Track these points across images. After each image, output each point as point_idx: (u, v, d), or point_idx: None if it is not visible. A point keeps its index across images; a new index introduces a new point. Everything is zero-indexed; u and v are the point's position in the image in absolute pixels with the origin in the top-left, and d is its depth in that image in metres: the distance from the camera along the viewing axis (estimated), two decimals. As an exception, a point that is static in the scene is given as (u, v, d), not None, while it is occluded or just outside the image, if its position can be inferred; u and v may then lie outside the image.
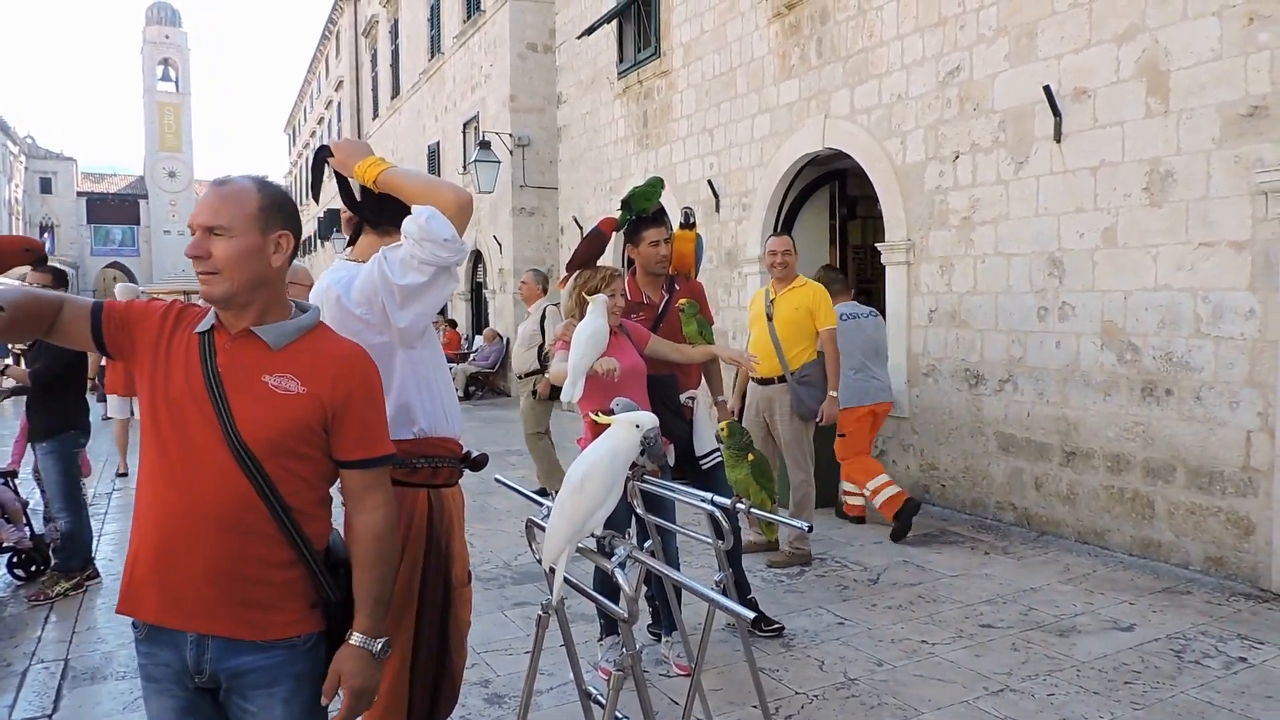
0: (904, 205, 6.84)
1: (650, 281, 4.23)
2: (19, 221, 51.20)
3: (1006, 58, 5.94)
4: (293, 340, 1.76)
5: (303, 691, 1.73)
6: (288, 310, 1.80)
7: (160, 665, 1.74)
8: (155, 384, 1.75)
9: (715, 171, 9.32)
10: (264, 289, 1.74)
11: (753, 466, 2.72)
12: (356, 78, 27.36)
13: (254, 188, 1.75)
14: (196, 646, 1.70)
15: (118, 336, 1.79)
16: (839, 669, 3.74)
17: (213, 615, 1.68)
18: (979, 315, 6.25)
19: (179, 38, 58.39)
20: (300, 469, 1.72)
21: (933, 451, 6.68)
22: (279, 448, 1.69)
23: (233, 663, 1.70)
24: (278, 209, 1.75)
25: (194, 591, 1.68)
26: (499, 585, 4.94)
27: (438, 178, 2.20)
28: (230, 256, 1.69)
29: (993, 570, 5.06)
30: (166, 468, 1.72)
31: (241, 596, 1.68)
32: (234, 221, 1.70)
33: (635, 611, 1.85)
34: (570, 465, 2.09)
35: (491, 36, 15.23)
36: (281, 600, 1.71)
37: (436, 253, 2.02)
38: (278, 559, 1.70)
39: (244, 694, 1.72)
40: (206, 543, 1.67)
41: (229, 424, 1.67)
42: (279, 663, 1.71)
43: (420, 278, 2.05)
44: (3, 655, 4.21)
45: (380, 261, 2.09)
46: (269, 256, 1.73)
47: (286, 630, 1.71)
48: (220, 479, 1.67)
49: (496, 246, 15.06)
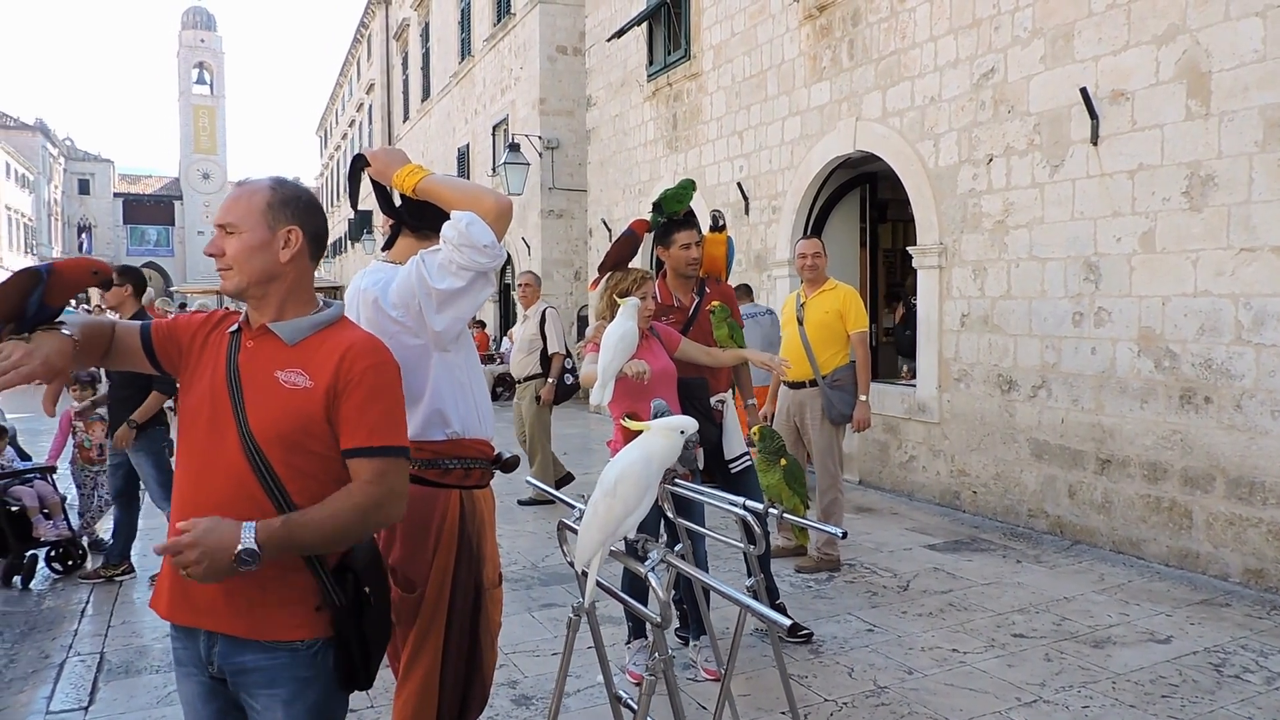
0: (936, 208, 6.77)
1: (681, 284, 4.21)
2: (58, 222, 52.19)
3: (1042, 59, 5.87)
4: (307, 335, 1.77)
5: (306, 696, 1.72)
6: (309, 307, 1.81)
7: (186, 650, 1.78)
8: (188, 385, 1.81)
9: (745, 174, 9.29)
10: (275, 283, 1.77)
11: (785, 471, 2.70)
12: (388, 80, 27.58)
13: (266, 186, 1.79)
14: (207, 640, 1.73)
15: (167, 349, 1.85)
16: (869, 676, 3.70)
17: (218, 613, 1.70)
18: (1012, 320, 6.17)
19: (214, 42, 59.27)
20: (308, 467, 1.71)
21: (964, 458, 6.60)
22: (287, 443, 1.69)
23: (237, 660, 1.72)
24: (285, 205, 1.77)
25: (202, 591, 1.69)
26: (526, 586, 4.94)
27: (477, 184, 2.20)
28: (239, 252, 1.74)
29: (1025, 579, 5.00)
30: (189, 465, 1.76)
31: (246, 596, 1.69)
32: (242, 219, 1.75)
33: (669, 616, 1.83)
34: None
35: (521, 39, 15.29)
36: (285, 602, 1.71)
37: (475, 258, 2.03)
38: (284, 562, 1.68)
39: (249, 691, 1.74)
40: None
41: (242, 419, 1.70)
42: (281, 664, 1.71)
43: (458, 283, 2.06)
44: (41, 648, 4.28)
45: (419, 265, 2.10)
46: (277, 251, 1.76)
47: (290, 632, 1.71)
48: (230, 475, 1.69)
49: (525, 249, 15.11)
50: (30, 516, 5.31)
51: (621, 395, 3.45)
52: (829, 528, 2.50)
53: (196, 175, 57.95)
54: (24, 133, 46.03)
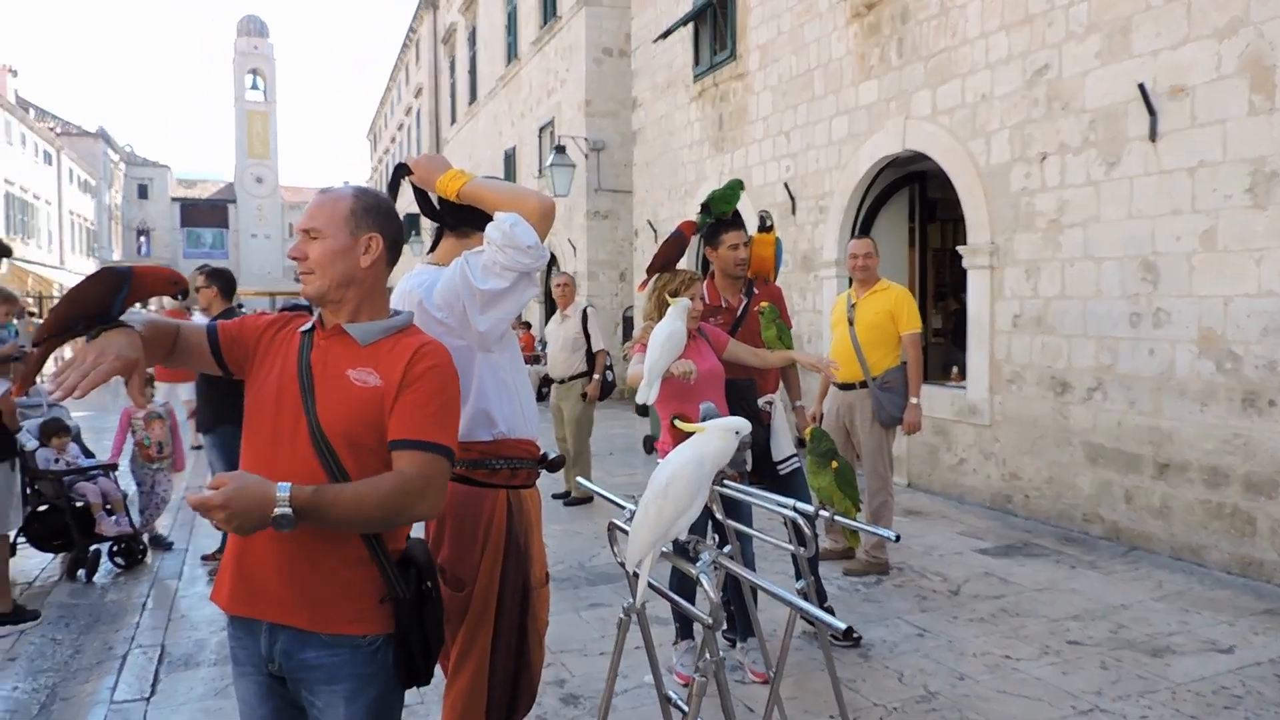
0: (988, 207, 6.67)
1: (729, 285, 4.20)
2: (118, 226, 53.65)
3: (1098, 55, 5.74)
4: (379, 338, 1.81)
5: (366, 692, 1.75)
6: (384, 312, 1.86)
7: (244, 649, 1.81)
8: (255, 383, 1.85)
9: (791, 174, 9.24)
10: (354, 288, 1.81)
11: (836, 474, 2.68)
12: (435, 85, 27.90)
13: (349, 194, 1.85)
14: (269, 636, 1.76)
15: (234, 351, 1.89)
16: (919, 681, 3.66)
17: (282, 606, 1.73)
18: (1067, 321, 6.05)
19: (266, 48, 60.45)
20: (375, 464, 1.74)
21: (1016, 461, 6.49)
22: (354, 441, 1.73)
23: (299, 656, 1.74)
24: (367, 213, 1.83)
25: (265, 581, 1.73)
26: (574, 586, 4.96)
27: (520, 185, 2.22)
28: (322, 256, 1.78)
29: (1080, 585, 4.90)
30: (258, 459, 1.78)
31: (310, 589, 1.72)
32: (326, 225, 1.80)
33: (720, 617, 1.83)
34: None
35: (567, 42, 15.37)
36: (349, 595, 1.74)
37: (519, 259, 2.05)
38: (349, 554, 1.73)
39: (309, 688, 1.76)
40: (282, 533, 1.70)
41: (312, 415, 1.73)
42: (342, 661, 1.73)
43: (502, 283, 2.09)
44: (105, 639, 4.41)
45: (463, 266, 2.13)
46: (358, 257, 1.80)
47: (351, 626, 1.73)
48: (301, 469, 1.71)
49: (571, 250, 15.19)
50: (93, 513, 5.46)
51: (668, 396, 3.45)
52: (882, 531, 2.47)
53: (250, 179, 59.16)
54: (87, 140, 47.37)
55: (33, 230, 36.04)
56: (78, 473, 5.59)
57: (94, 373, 1.57)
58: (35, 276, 32.18)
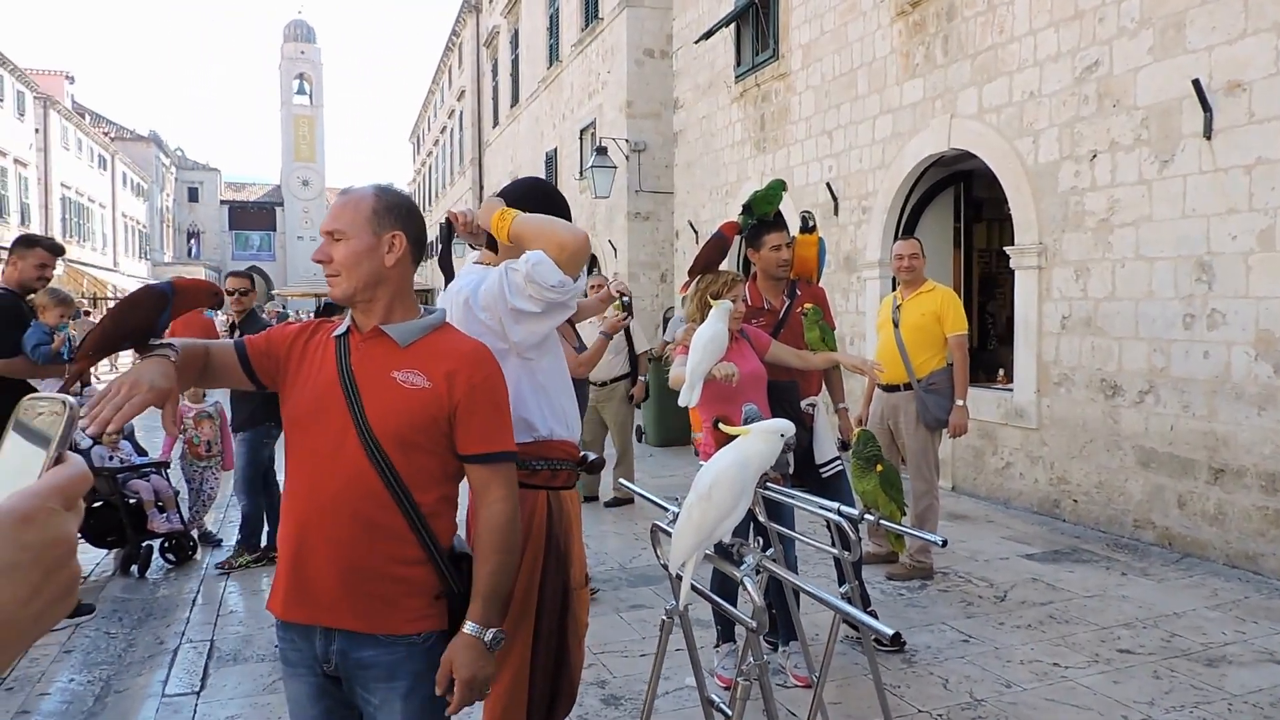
0: (1036, 207, 6.56)
1: (771, 286, 4.18)
2: (169, 228, 54.86)
3: (1150, 51, 5.62)
4: (418, 338, 1.82)
5: (422, 688, 1.77)
6: (415, 311, 1.87)
7: (296, 651, 1.83)
8: (293, 391, 1.85)
9: (834, 174, 9.16)
10: (382, 287, 1.81)
11: (881, 477, 2.65)
12: (478, 87, 28.11)
13: (370, 193, 1.85)
14: (325, 638, 1.77)
15: (265, 364, 1.89)
16: (964, 688, 3.60)
17: (339, 610, 1.75)
18: (1117, 322, 5.93)
19: (313, 53, 61.40)
20: (426, 464, 1.77)
21: (1064, 465, 6.37)
22: (406, 441, 1.75)
23: (356, 655, 1.76)
24: (390, 211, 1.82)
25: (323, 586, 1.75)
26: (614, 588, 4.97)
27: (550, 220, 2.21)
28: (346, 257, 1.78)
29: (1131, 592, 4.79)
30: (304, 467, 1.80)
31: (368, 592, 1.74)
32: (349, 225, 1.80)
33: (764, 621, 1.82)
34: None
35: (609, 44, 15.40)
36: (406, 596, 1.76)
37: (544, 294, 2.06)
38: (405, 555, 1.75)
39: (366, 686, 1.78)
40: (338, 537, 1.73)
41: (360, 418, 1.74)
42: (399, 658, 1.76)
43: (533, 308, 2.10)
44: (157, 634, 4.50)
45: (502, 277, 2.14)
46: (382, 255, 1.80)
47: (409, 626, 1.76)
48: (353, 473, 1.73)
49: (611, 251, 15.21)
50: (146, 510, 5.59)
51: (710, 398, 3.43)
52: (928, 535, 2.44)
53: (296, 182, 60.13)
54: (139, 144, 48.48)
55: (88, 233, 36.98)
56: (131, 470, 5.72)
57: (127, 406, 1.59)
58: (90, 278, 33.03)
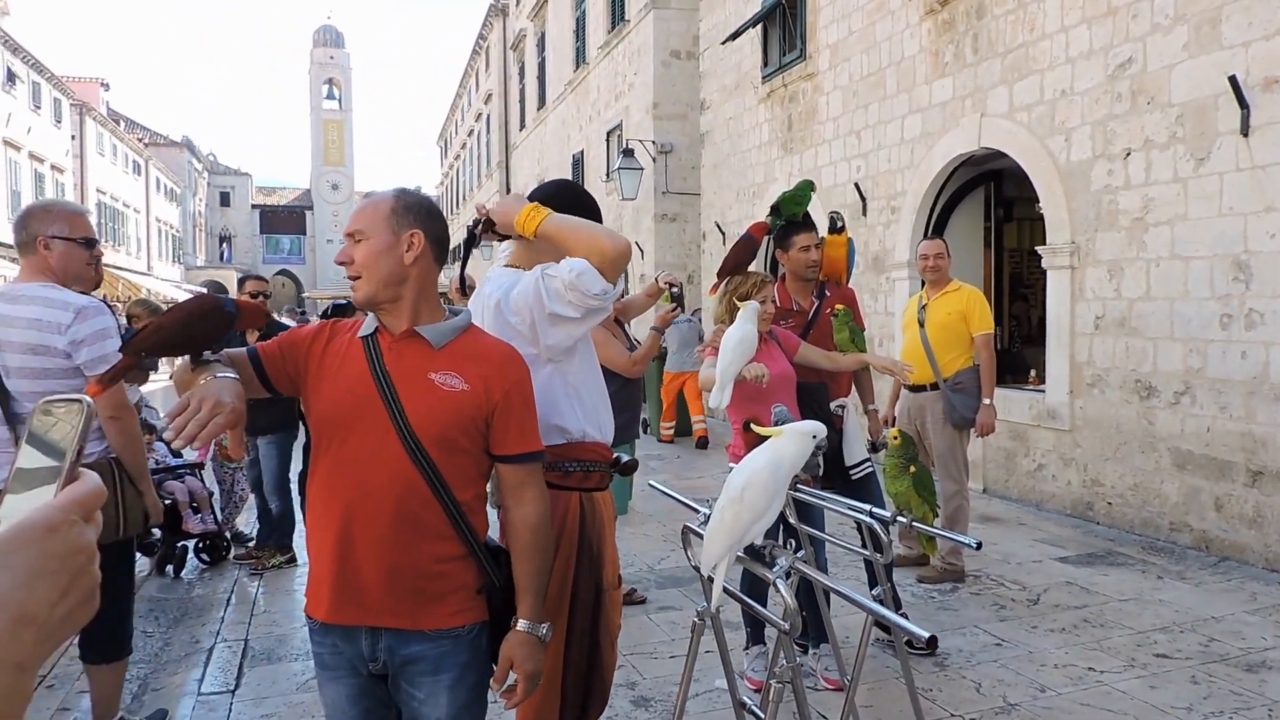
0: (1068, 206, 6.49)
1: (800, 287, 4.17)
2: (202, 232, 55.64)
3: (1185, 47, 5.54)
4: (451, 339, 1.84)
5: (467, 679, 1.82)
6: (441, 312, 1.89)
7: (335, 654, 1.84)
8: (319, 394, 1.85)
9: (862, 174, 9.11)
10: (404, 286, 1.81)
11: (914, 479, 2.63)
12: (505, 90, 28.26)
13: (390, 195, 1.87)
14: (371, 637, 1.79)
15: (282, 370, 1.89)
16: (998, 692, 3.57)
17: (387, 608, 1.77)
18: (1152, 323, 5.85)
19: (342, 58, 62.00)
20: (463, 463, 1.80)
21: (1097, 467, 6.29)
22: (446, 442, 1.77)
23: (404, 651, 1.79)
24: (408, 210, 1.83)
25: (370, 587, 1.76)
26: (643, 589, 4.96)
27: (592, 226, 2.20)
28: (366, 256, 1.79)
29: (1167, 596, 4.72)
30: (341, 469, 1.80)
31: (415, 589, 1.76)
32: (368, 225, 1.81)
33: (797, 623, 1.81)
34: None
35: (635, 45, 15.42)
36: (451, 591, 1.79)
37: (587, 302, 2.06)
38: (449, 552, 1.79)
39: (412, 681, 1.80)
40: (383, 538, 1.76)
41: (401, 420, 1.75)
42: (445, 651, 1.79)
43: (571, 314, 2.09)
44: (192, 633, 4.57)
45: (538, 281, 2.13)
46: (401, 253, 1.80)
47: (453, 619, 1.79)
48: (395, 474, 1.75)
49: (639, 253, 15.22)
50: (181, 510, 5.66)
51: (740, 399, 3.43)
52: (962, 538, 2.42)
53: (326, 186, 60.74)
54: (172, 149, 49.20)
55: (122, 238, 37.58)
56: (166, 471, 5.80)
57: (210, 425, 1.60)
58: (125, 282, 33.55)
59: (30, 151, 27.36)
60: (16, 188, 26.32)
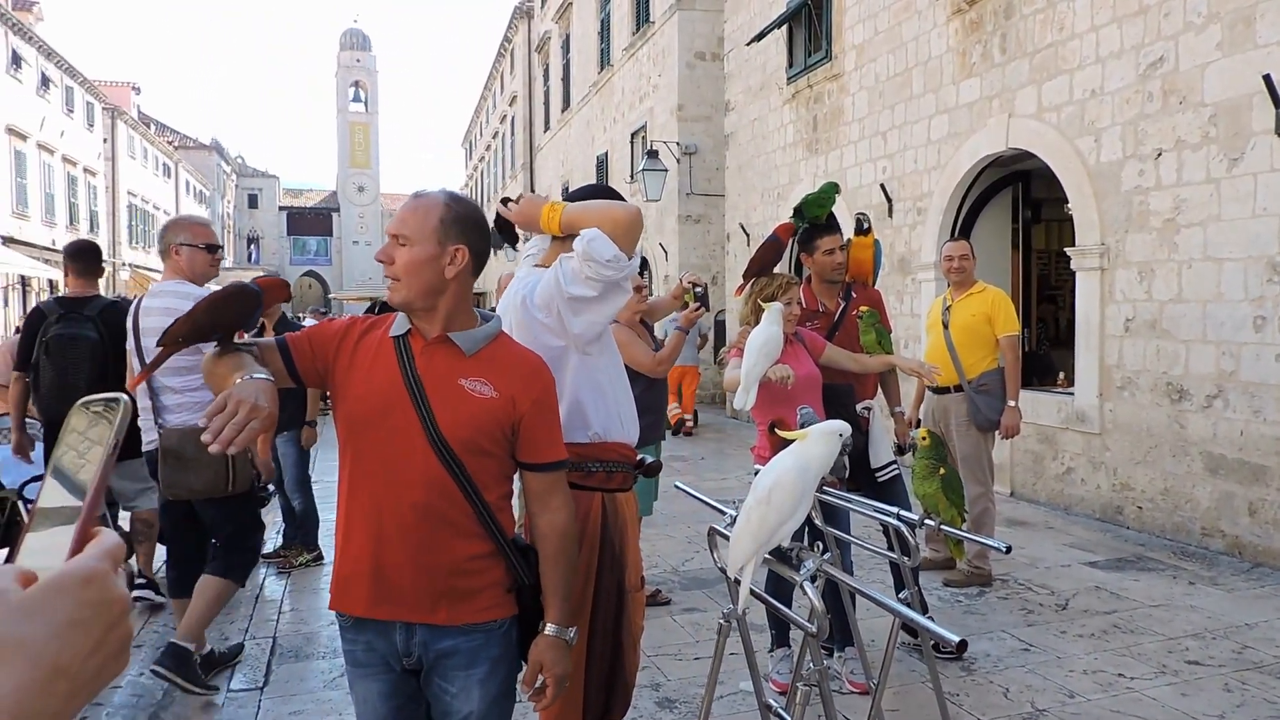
0: (1098, 207, 6.41)
1: (826, 289, 4.15)
2: (229, 234, 56.22)
3: (1218, 46, 5.46)
4: (482, 346, 1.85)
5: (498, 672, 1.85)
6: (474, 319, 1.89)
7: (368, 650, 1.86)
8: (350, 392, 1.86)
9: (888, 175, 9.06)
10: (441, 297, 1.81)
11: (943, 481, 2.61)
12: (529, 92, 28.36)
13: (441, 201, 1.83)
14: (405, 633, 1.82)
15: (312, 364, 1.89)
16: (1025, 698, 3.54)
17: (421, 605, 1.79)
18: (1183, 325, 5.77)
19: (368, 61, 62.45)
20: (490, 465, 1.82)
21: (1127, 471, 6.22)
22: (474, 446, 1.79)
23: (438, 646, 1.81)
24: (457, 223, 1.81)
25: (404, 584, 1.79)
26: (667, 590, 4.96)
27: (606, 202, 2.22)
28: (408, 264, 1.78)
29: (1199, 602, 4.66)
30: (371, 469, 1.82)
31: (447, 586, 1.79)
32: (416, 232, 1.79)
33: (825, 626, 1.81)
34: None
35: (660, 47, 15.42)
36: (482, 588, 1.82)
37: (601, 271, 2.06)
38: (478, 550, 1.81)
39: (445, 675, 1.83)
40: (415, 537, 1.78)
41: (431, 424, 1.77)
42: (477, 646, 1.82)
43: (589, 292, 2.10)
44: (221, 630, 4.61)
45: (556, 269, 2.16)
46: (443, 267, 1.79)
47: (485, 614, 1.82)
48: (426, 476, 1.77)
49: (662, 254, 15.22)
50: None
51: (765, 401, 3.42)
52: (991, 541, 2.40)
53: (352, 188, 61.20)
54: (201, 152, 49.77)
55: (152, 239, 38.07)
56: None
57: (247, 430, 1.60)
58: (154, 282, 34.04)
59: (63, 155, 27.78)
60: (50, 190, 26.75)
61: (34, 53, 25.44)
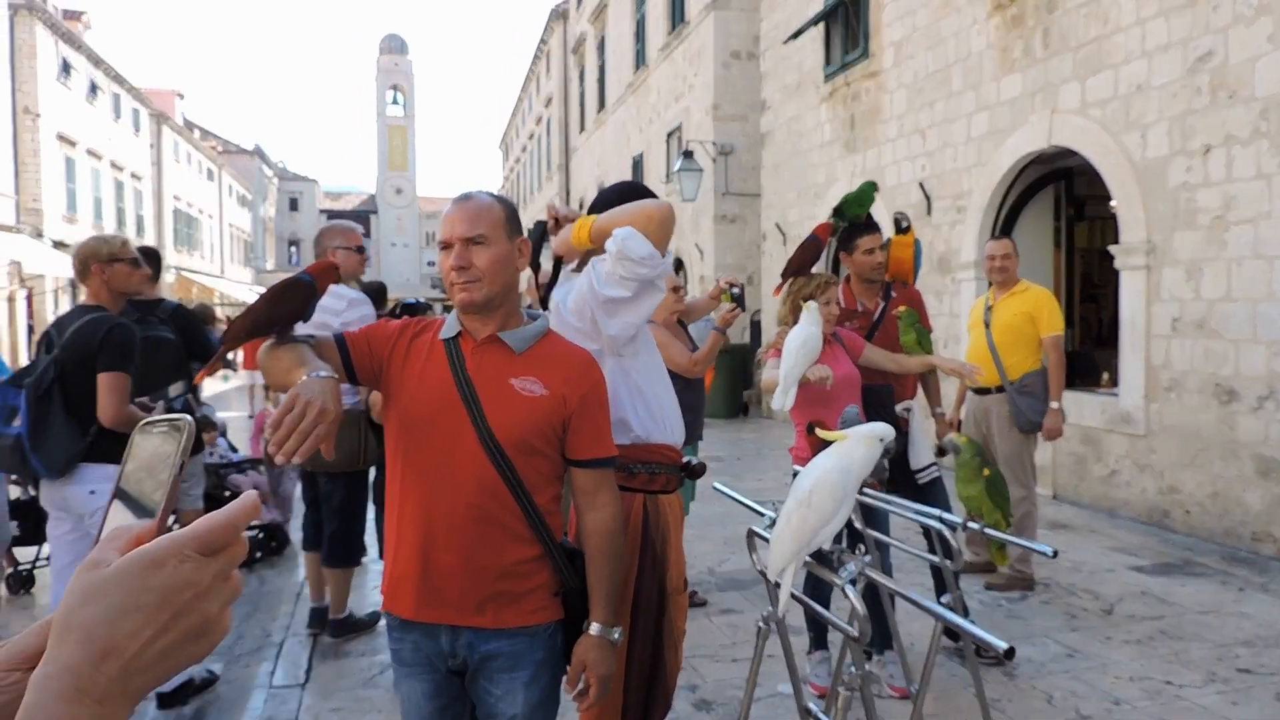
0: (1143, 204, 6.29)
1: (865, 289, 4.11)
2: (271, 237, 57.12)
3: (1270, 39, 5.33)
4: (531, 345, 1.85)
5: (542, 676, 1.84)
6: (522, 316, 1.90)
7: (415, 651, 1.87)
8: (402, 393, 1.87)
9: (927, 173, 8.96)
10: (510, 294, 1.85)
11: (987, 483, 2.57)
12: (565, 94, 28.45)
13: (494, 199, 1.87)
14: (451, 634, 1.82)
15: (367, 363, 1.90)
16: (1070, 704, 3.47)
17: (467, 608, 1.79)
18: (1233, 325, 5.63)
19: (406, 65, 63.15)
20: (541, 466, 1.82)
21: (1174, 473, 6.08)
22: (525, 446, 1.79)
23: (484, 648, 1.81)
24: (513, 218, 1.87)
25: (452, 586, 1.79)
26: (704, 591, 4.94)
27: (635, 202, 2.21)
28: (491, 263, 1.79)
29: (1250, 608, 4.54)
30: (422, 470, 1.83)
31: (495, 590, 1.79)
32: (491, 230, 1.81)
33: (867, 630, 1.78)
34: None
35: (695, 47, 15.39)
36: (530, 591, 1.82)
37: (635, 270, 2.05)
38: (528, 554, 1.81)
39: (490, 677, 1.83)
40: (465, 539, 1.78)
41: (483, 425, 1.77)
42: (522, 648, 1.81)
43: (623, 292, 2.09)
44: (264, 627, 4.69)
45: (590, 273, 2.15)
46: (516, 261, 1.85)
47: (532, 618, 1.82)
48: (476, 477, 1.77)
49: (698, 254, 15.19)
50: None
51: (804, 402, 3.39)
52: (1036, 545, 2.35)
53: (390, 191, 61.90)
54: (244, 157, 50.61)
55: (196, 243, 38.78)
56: (232, 466, 5.98)
57: (312, 437, 1.59)
58: (199, 286, 34.62)
59: (111, 160, 28.38)
60: (98, 195, 27.33)
61: (83, 60, 26.01)
